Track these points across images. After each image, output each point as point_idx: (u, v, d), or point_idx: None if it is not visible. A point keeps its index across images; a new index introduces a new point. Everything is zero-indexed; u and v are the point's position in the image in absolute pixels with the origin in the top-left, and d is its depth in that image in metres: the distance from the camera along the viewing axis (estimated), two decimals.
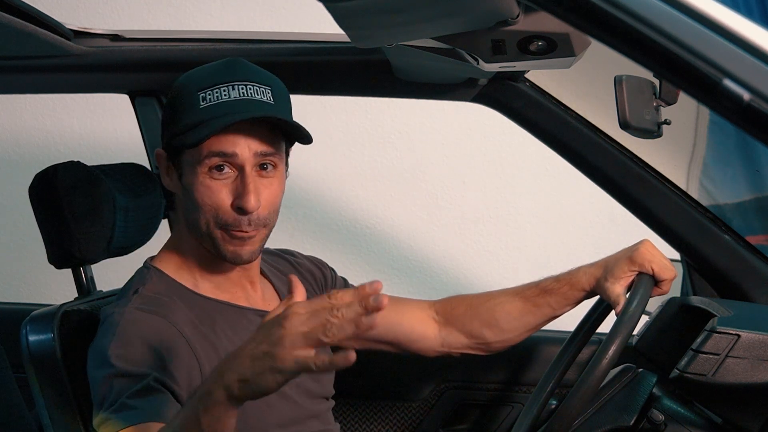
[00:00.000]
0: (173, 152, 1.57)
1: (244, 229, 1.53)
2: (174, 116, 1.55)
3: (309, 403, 1.67)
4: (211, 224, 1.54)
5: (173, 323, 1.51)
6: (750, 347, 1.59)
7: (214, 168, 1.52)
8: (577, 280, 1.78)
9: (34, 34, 1.85)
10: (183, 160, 1.56)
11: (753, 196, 2.89)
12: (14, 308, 2.51)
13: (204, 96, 1.51)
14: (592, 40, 1.48)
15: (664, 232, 2.02)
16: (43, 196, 1.74)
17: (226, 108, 1.50)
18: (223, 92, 1.51)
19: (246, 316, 1.62)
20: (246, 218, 1.52)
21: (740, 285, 1.98)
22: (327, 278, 1.85)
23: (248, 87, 1.52)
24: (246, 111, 1.50)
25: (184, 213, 1.60)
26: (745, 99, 1.01)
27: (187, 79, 1.57)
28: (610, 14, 1.05)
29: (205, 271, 1.62)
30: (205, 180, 1.52)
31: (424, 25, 1.65)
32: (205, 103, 1.51)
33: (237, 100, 1.51)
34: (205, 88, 1.52)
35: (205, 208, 1.53)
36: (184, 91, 1.54)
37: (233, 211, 1.52)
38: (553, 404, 1.78)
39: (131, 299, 1.55)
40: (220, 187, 1.52)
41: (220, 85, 1.51)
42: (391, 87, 2.08)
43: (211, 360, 1.52)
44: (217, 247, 1.56)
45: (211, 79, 1.53)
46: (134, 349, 1.46)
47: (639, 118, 1.52)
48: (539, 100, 2.02)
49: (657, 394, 1.73)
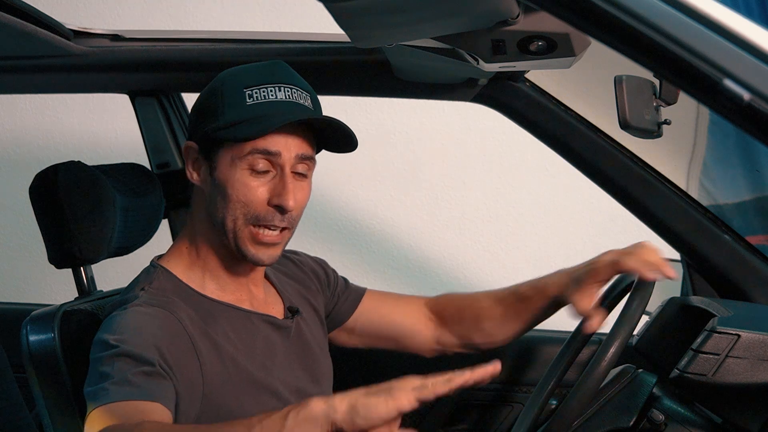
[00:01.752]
0: (209, 146, 1.57)
1: (275, 223, 1.55)
2: (217, 110, 1.55)
3: None
4: (239, 221, 1.55)
5: (178, 317, 1.51)
6: (750, 347, 1.59)
7: (255, 165, 1.53)
8: (548, 290, 1.78)
9: (34, 34, 1.85)
10: (220, 154, 1.56)
11: (753, 196, 2.89)
12: (14, 308, 2.51)
13: (251, 93, 1.53)
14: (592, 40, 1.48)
15: (664, 232, 2.02)
16: (43, 196, 1.74)
17: (273, 108, 1.53)
18: (270, 92, 1.54)
19: (251, 320, 1.62)
20: (279, 216, 1.55)
21: (740, 285, 1.98)
22: (330, 278, 1.86)
23: (293, 90, 1.55)
24: (291, 113, 1.53)
25: (208, 208, 1.59)
26: (745, 99, 1.01)
27: (231, 76, 1.57)
28: (610, 14, 1.05)
29: (215, 270, 1.62)
30: (244, 176, 1.54)
31: (424, 25, 1.65)
32: (252, 101, 1.53)
33: (283, 102, 1.54)
34: (251, 86, 1.53)
35: (239, 204, 1.54)
36: (229, 87, 1.55)
37: (269, 206, 1.54)
38: (553, 404, 1.79)
39: (137, 295, 1.55)
40: (258, 185, 1.54)
41: (267, 85, 1.54)
42: (391, 87, 2.08)
43: (212, 361, 1.52)
44: (241, 246, 1.56)
45: (257, 77, 1.55)
46: (139, 335, 1.45)
47: (639, 118, 1.52)
48: (539, 100, 2.02)
49: (657, 394, 1.73)
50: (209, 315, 1.57)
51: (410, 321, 1.88)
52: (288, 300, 1.73)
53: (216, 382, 1.52)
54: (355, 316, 1.86)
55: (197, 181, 1.61)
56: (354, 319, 1.86)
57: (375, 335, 1.89)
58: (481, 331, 1.86)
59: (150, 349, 1.43)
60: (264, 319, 1.64)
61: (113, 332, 1.46)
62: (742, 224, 2.40)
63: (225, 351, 1.54)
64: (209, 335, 1.54)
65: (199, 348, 1.51)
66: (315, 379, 1.71)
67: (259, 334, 1.62)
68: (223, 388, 1.53)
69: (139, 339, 1.44)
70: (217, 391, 1.52)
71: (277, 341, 1.64)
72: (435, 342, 1.89)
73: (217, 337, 1.55)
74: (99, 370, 1.41)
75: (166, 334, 1.47)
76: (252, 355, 1.58)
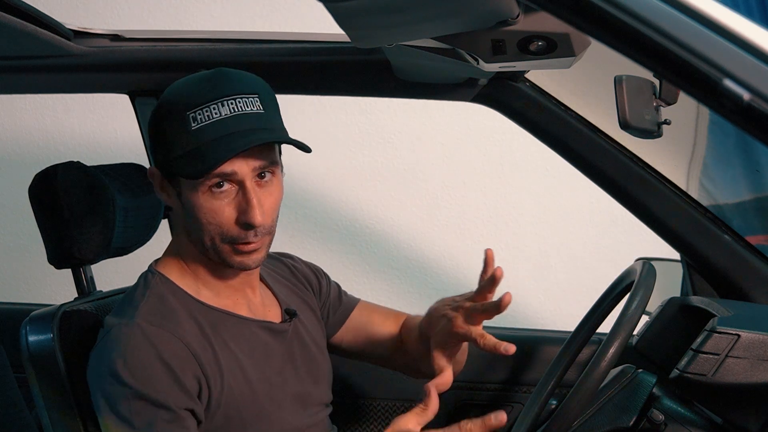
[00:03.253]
0: (169, 173, 1.55)
1: (250, 241, 1.53)
2: (165, 139, 1.51)
3: (308, 412, 1.68)
4: (216, 240, 1.53)
5: (180, 337, 1.51)
6: (750, 347, 1.59)
7: (215, 186, 1.50)
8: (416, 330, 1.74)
9: (34, 34, 1.85)
10: (180, 181, 1.53)
11: (753, 196, 2.89)
12: (14, 308, 2.51)
13: (194, 116, 1.47)
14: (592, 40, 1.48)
15: (664, 232, 2.02)
16: (43, 196, 1.74)
17: (219, 128, 1.47)
18: (213, 111, 1.47)
19: (249, 328, 1.62)
20: (252, 231, 1.52)
21: (740, 285, 1.98)
22: (322, 286, 1.85)
23: (237, 100, 1.49)
24: (238, 128, 1.47)
25: (185, 227, 1.59)
26: (745, 99, 1.01)
27: (174, 97, 1.52)
28: (610, 14, 1.05)
29: (206, 278, 1.62)
30: (207, 200, 1.50)
31: (424, 25, 1.65)
32: (197, 124, 1.47)
33: (228, 117, 1.47)
34: (193, 108, 1.47)
35: (210, 226, 1.52)
36: (173, 112, 1.50)
37: (238, 226, 1.51)
38: (553, 404, 1.79)
39: (138, 309, 1.54)
40: (222, 206, 1.51)
41: (209, 104, 1.47)
42: (391, 87, 2.08)
43: (213, 373, 1.52)
44: (224, 259, 1.56)
45: (198, 96, 1.48)
46: (146, 368, 1.46)
47: (639, 118, 1.52)
48: (539, 100, 2.02)
49: (657, 394, 1.73)
50: (208, 324, 1.57)
51: (398, 337, 1.86)
52: (284, 302, 1.73)
53: (219, 393, 1.53)
54: (343, 329, 1.86)
55: (169, 203, 1.59)
56: (342, 332, 1.86)
57: (362, 349, 1.87)
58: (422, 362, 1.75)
59: (165, 390, 1.45)
60: (261, 325, 1.64)
61: (117, 361, 1.47)
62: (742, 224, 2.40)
63: (223, 360, 1.55)
64: (209, 346, 1.54)
65: (202, 364, 1.51)
66: (315, 380, 1.71)
67: (257, 341, 1.62)
68: (225, 398, 1.53)
69: (152, 380, 1.45)
70: (220, 401, 1.53)
71: (275, 346, 1.64)
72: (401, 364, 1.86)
73: (216, 346, 1.55)
74: (116, 408, 1.46)
75: (170, 359, 1.47)
76: (251, 363, 1.58)
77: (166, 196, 1.59)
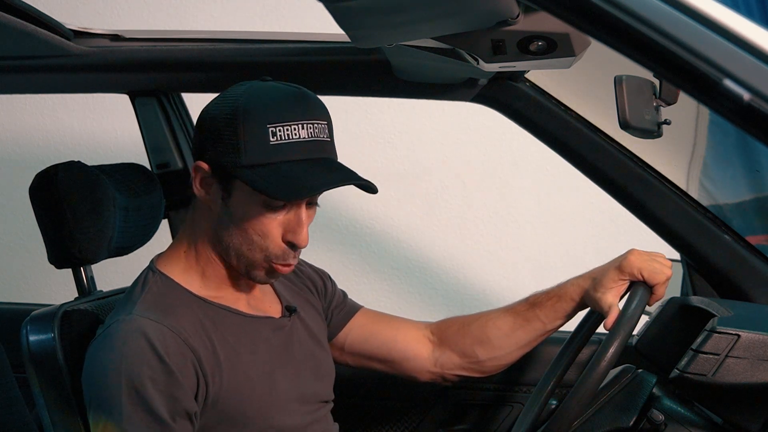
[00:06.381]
0: (225, 175, 1.53)
1: (289, 262, 1.57)
2: (238, 143, 1.50)
3: (310, 409, 1.68)
4: (256, 254, 1.55)
5: (178, 332, 1.50)
6: (750, 347, 1.59)
7: (273, 203, 1.52)
8: (566, 292, 1.78)
9: (34, 34, 1.85)
10: (237, 185, 1.53)
11: (753, 196, 2.89)
12: (14, 308, 2.51)
13: (274, 131, 1.49)
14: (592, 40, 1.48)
15: (664, 232, 2.02)
16: (43, 196, 1.74)
17: (296, 150, 1.50)
18: (294, 131, 1.50)
19: (250, 324, 1.62)
20: (293, 252, 1.56)
21: (740, 285, 1.98)
22: (327, 289, 1.85)
23: (315, 125, 1.52)
24: (314, 155, 1.51)
25: (215, 227, 1.58)
26: (745, 99, 1.01)
27: (254, 105, 1.51)
28: (610, 14, 1.05)
29: (211, 276, 1.61)
30: (261, 211, 1.53)
31: (424, 25, 1.65)
32: (276, 140, 1.49)
33: (307, 141, 1.51)
34: (275, 123, 1.49)
35: (256, 240, 1.54)
36: (251, 120, 1.49)
37: (283, 244, 1.55)
38: (553, 404, 1.79)
39: (137, 305, 1.54)
40: (273, 222, 1.53)
41: (290, 123, 1.50)
42: (391, 87, 2.08)
43: (212, 368, 1.52)
44: (253, 272, 1.58)
45: (280, 112, 1.50)
46: (143, 364, 1.46)
47: (639, 118, 1.52)
48: (539, 100, 2.02)
49: (657, 394, 1.73)
50: (208, 320, 1.57)
51: (404, 341, 1.86)
52: (285, 299, 1.73)
53: (218, 389, 1.53)
54: (344, 332, 1.85)
55: (206, 200, 1.57)
56: (344, 335, 1.85)
57: (365, 354, 1.87)
58: (486, 344, 1.83)
59: (163, 396, 1.45)
60: (262, 322, 1.64)
61: (115, 360, 1.47)
62: (742, 224, 2.40)
63: (223, 356, 1.55)
64: (209, 342, 1.54)
65: (201, 361, 1.51)
66: (316, 377, 1.71)
67: (258, 338, 1.62)
68: (225, 395, 1.53)
69: (150, 384, 1.45)
70: (219, 397, 1.53)
71: (276, 343, 1.65)
72: (433, 364, 1.87)
73: (216, 343, 1.55)
74: (107, 404, 1.46)
75: (172, 360, 1.47)
76: (251, 359, 1.58)
77: (205, 194, 1.56)
